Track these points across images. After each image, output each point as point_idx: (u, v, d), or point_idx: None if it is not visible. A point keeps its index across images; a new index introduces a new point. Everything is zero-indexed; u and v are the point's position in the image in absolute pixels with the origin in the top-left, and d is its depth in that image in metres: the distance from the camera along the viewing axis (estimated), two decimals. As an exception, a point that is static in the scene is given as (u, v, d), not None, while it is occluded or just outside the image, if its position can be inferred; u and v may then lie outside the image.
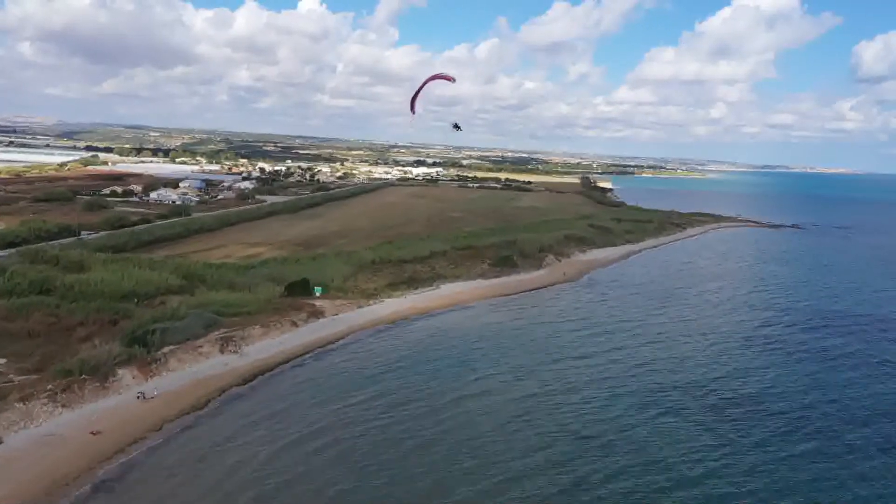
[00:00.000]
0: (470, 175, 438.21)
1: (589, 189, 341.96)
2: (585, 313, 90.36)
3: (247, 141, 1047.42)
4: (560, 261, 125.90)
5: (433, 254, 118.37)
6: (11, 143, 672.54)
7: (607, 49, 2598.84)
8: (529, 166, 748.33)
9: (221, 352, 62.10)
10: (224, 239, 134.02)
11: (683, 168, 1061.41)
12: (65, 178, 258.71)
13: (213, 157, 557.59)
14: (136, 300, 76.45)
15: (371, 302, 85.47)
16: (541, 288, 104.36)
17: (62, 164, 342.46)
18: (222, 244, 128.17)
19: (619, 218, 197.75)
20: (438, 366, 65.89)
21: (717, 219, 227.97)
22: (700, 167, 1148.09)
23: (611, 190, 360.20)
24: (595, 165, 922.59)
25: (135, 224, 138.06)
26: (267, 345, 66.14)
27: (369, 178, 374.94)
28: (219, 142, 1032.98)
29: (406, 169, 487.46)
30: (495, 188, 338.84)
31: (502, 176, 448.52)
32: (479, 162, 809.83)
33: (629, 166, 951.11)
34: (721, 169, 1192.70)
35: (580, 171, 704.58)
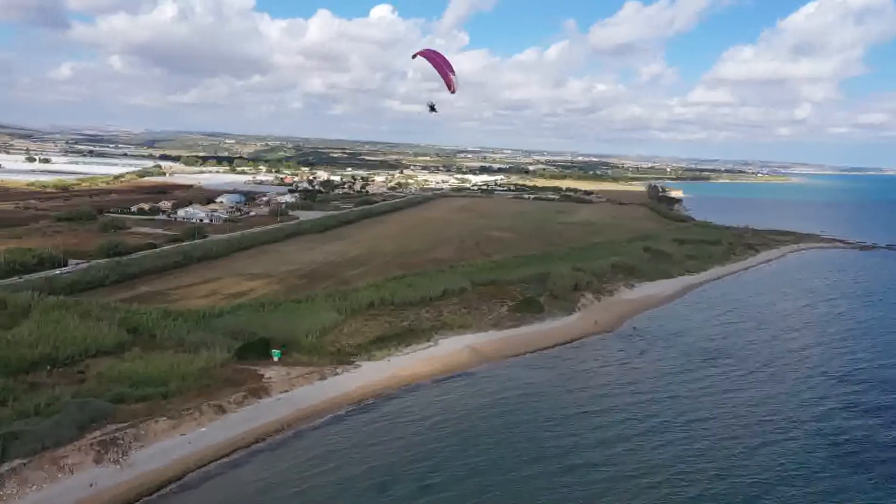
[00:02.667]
0: (529, 184, 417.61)
1: (655, 200, 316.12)
2: (610, 396, 69.53)
3: (317, 147, 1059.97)
4: (599, 300, 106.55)
5: (446, 293, 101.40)
6: (91, 152, 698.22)
7: (681, 49, 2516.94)
8: (598, 172, 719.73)
9: (97, 462, 47.07)
10: (223, 269, 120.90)
11: (765, 171, 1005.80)
12: (108, 192, 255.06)
13: (276, 165, 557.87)
14: (49, 366, 63.02)
15: (340, 369, 69.10)
16: (565, 344, 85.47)
17: (118, 176, 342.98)
18: (218, 276, 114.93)
19: (683, 239, 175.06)
20: (393, 493, 48.72)
21: (798, 237, 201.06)
22: (783, 170, 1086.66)
23: (679, 201, 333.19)
24: (668, 170, 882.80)
25: (135, 250, 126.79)
26: (169, 446, 50.71)
27: (422, 188, 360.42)
28: (290, 148, 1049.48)
29: (465, 177, 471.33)
30: (553, 199, 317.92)
31: (564, 184, 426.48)
32: (547, 167, 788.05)
33: (705, 170, 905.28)
34: (806, 172, 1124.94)
35: (651, 176, 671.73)
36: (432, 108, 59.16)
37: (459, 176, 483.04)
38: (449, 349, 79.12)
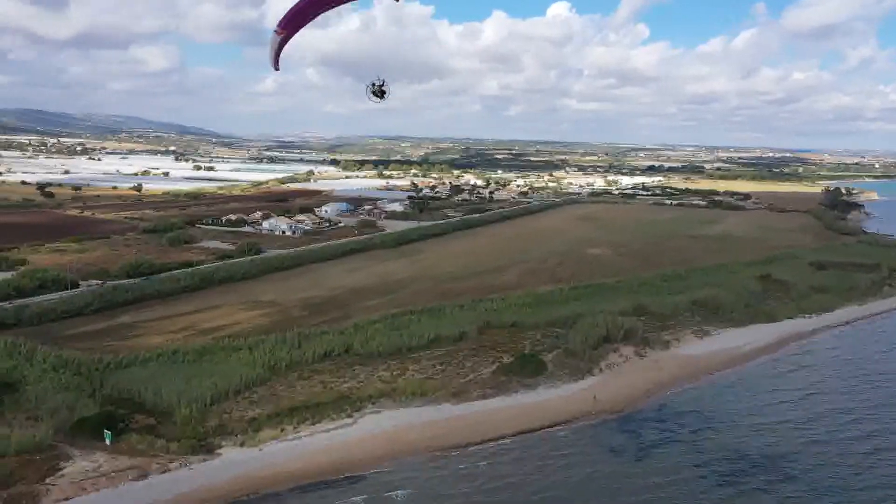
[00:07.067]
0: (681, 187, 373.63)
1: (828, 206, 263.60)
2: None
3: (485, 149, 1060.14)
4: (642, 356, 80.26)
5: (436, 340, 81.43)
6: (271, 159, 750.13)
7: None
8: (786, 171, 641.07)
9: None
10: (234, 295, 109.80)
11: None
12: (227, 200, 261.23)
13: (429, 169, 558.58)
14: None
15: (181, 463, 52.36)
16: (536, 431, 61.68)
17: (259, 183, 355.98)
18: (218, 304, 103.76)
19: (826, 261, 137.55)
20: None
21: None
22: None
23: (859, 206, 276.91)
24: (877, 165, 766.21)
25: (163, 269, 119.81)
26: None
27: (557, 192, 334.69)
28: (458, 150, 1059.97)
29: (616, 178, 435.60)
30: (699, 205, 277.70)
31: (732, 187, 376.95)
32: (727, 165, 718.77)
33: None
34: None
35: (850, 175, 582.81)
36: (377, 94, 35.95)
37: (612, 178, 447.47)
38: (364, 432, 59.47)
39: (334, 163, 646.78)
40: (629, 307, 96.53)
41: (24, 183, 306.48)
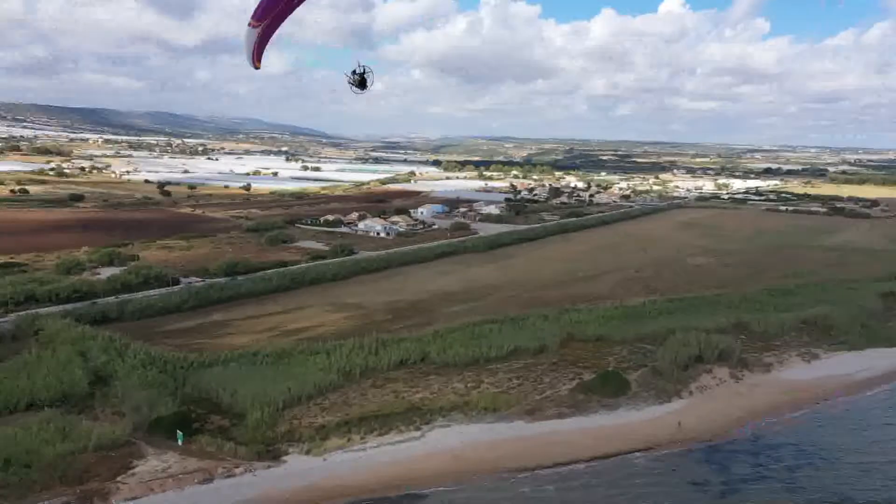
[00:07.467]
0: (798, 192, 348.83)
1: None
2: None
3: (589, 150, 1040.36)
4: (739, 379, 74.16)
5: (515, 352, 78.81)
6: (376, 159, 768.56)
7: None
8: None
9: None
10: (322, 296, 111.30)
11: None
12: (328, 200, 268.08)
13: (530, 170, 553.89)
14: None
15: (247, 468, 52.59)
16: (613, 457, 57.71)
17: (361, 184, 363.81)
18: (305, 305, 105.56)
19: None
20: None
21: None
22: None
23: None
24: None
25: (259, 269, 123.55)
26: None
27: (662, 196, 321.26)
28: (562, 151, 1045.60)
29: (727, 182, 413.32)
30: (817, 213, 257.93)
31: (858, 192, 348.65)
32: (853, 169, 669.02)
33: None
34: None
35: None
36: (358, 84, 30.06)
37: (722, 181, 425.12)
38: (431, 447, 57.79)
39: (436, 163, 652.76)
40: (728, 324, 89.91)
41: (147, 181, 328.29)
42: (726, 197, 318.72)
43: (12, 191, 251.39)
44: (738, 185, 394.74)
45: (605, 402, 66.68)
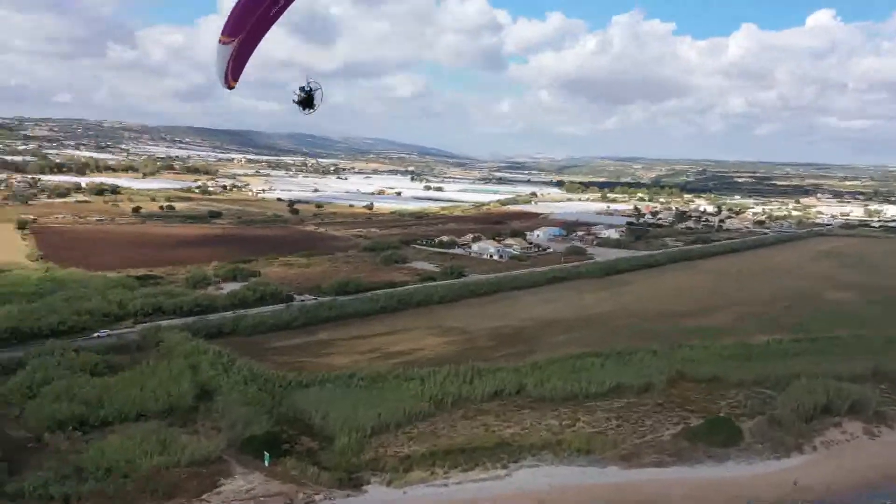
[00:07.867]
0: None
1: None
2: None
3: (723, 171, 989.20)
4: (874, 436, 65.85)
5: (618, 388, 74.57)
6: (500, 180, 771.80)
7: None
8: None
9: None
10: (426, 319, 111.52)
11: None
12: (446, 221, 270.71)
13: (657, 192, 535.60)
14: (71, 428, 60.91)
15: (325, 496, 52.53)
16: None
17: (481, 204, 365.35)
18: (408, 328, 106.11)
19: None
20: None
21: None
22: None
23: None
24: None
25: (368, 289, 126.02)
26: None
27: (801, 223, 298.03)
28: (693, 172, 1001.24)
29: (879, 208, 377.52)
30: None
31: None
32: None
33: None
34: None
35: None
36: (306, 102, 27.46)
37: (874, 207, 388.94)
38: (515, 487, 55.13)
39: (559, 184, 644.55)
40: (866, 370, 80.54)
41: (279, 199, 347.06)
42: (877, 225, 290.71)
43: (161, 207, 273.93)
44: (893, 211, 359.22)
45: (711, 451, 61.15)
